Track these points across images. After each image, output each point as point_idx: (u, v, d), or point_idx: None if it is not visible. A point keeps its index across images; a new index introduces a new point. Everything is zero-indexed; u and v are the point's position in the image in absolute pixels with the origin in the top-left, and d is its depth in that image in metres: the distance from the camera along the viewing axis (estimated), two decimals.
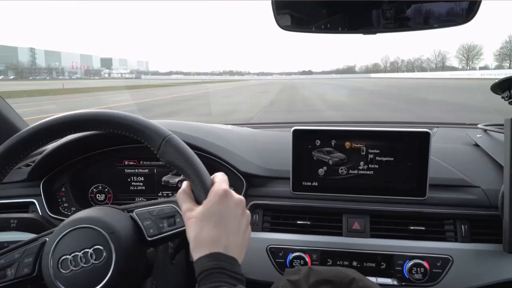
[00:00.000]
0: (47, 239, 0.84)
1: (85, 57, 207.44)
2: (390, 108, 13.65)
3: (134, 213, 0.86)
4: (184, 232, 0.75)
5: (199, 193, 0.74)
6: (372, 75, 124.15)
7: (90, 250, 0.77)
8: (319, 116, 11.75)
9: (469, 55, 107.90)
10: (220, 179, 0.76)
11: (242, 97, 23.16)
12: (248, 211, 0.77)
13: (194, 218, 0.70)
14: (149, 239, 0.83)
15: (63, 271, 0.77)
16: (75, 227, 0.80)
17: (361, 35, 1.04)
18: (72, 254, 0.77)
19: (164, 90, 31.66)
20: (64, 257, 0.78)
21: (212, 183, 0.75)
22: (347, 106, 15.15)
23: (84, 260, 0.77)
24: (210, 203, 0.71)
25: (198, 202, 0.73)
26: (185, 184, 0.77)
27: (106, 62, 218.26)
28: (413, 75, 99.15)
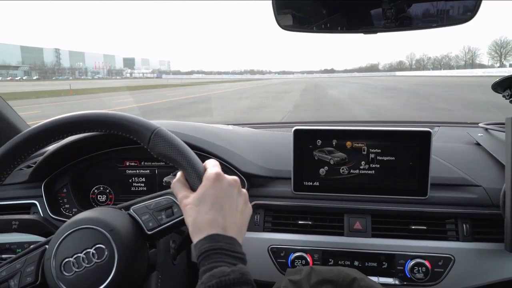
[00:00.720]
0: (47, 246, 0.84)
1: (108, 57, 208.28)
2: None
3: (131, 210, 0.86)
4: (183, 221, 0.76)
5: (193, 180, 0.75)
6: (397, 73, 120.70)
7: (92, 250, 0.77)
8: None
9: (502, 51, 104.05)
10: (211, 164, 0.77)
11: (256, 99, 20.85)
12: (244, 190, 0.78)
13: (190, 204, 0.72)
14: (149, 232, 0.83)
15: (67, 274, 0.77)
16: (74, 229, 0.80)
17: (361, 34, 1.04)
18: (74, 256, 0.77)
19: (177, 90, 30.65)
20: (66, 260, 0.78)
21: (205, 170, 0.76)
22: (395, 112, 12.61)
23: (86, 261, 0.77)
24: (203, 187, 0.72)
25: (193, 189, 0.74)
26: (179, 173, 0.78)
27: (129, 62, 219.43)
28: (441, 73, 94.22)
